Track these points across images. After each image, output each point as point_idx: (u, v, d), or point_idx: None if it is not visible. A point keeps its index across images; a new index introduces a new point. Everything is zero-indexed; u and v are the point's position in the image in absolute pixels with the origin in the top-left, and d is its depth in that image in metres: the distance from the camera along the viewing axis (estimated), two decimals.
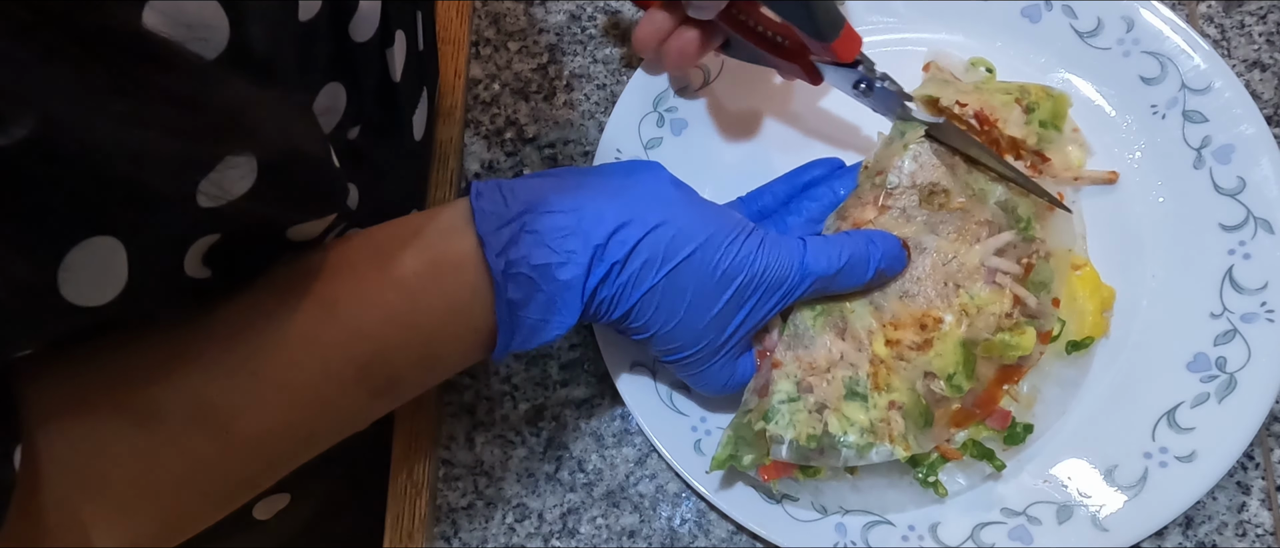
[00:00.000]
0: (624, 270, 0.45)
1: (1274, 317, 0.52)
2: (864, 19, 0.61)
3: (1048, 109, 0.56)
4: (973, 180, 0.54)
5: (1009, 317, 0.51)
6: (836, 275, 0.48)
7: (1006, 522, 0.51)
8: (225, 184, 0.34)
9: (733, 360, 0.50)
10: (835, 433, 0.48)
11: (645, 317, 0.46)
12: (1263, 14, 0.61)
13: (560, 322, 0.45)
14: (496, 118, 0.63)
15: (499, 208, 0.44)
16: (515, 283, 0.43)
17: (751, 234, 0.47)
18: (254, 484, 0.43)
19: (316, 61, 0.42)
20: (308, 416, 0.42)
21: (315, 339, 0.41)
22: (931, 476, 0.51)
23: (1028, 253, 0.52)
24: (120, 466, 0.37)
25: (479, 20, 0.65)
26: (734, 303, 0.47)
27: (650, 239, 0.45)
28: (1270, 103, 0.59)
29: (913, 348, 0.50)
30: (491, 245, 0.43)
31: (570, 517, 0.54)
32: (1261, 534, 0.51)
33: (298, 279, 0.42)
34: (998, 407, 0.52)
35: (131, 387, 0.38)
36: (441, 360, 0.46)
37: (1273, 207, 0.54)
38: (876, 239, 0.50)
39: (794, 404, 0.48)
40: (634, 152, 0.59)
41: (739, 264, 0.46)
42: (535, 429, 0.56)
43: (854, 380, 0.49)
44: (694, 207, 0.47)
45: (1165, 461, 0.51)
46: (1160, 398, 0.52)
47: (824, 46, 0.50)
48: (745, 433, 0.50)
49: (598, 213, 0.44)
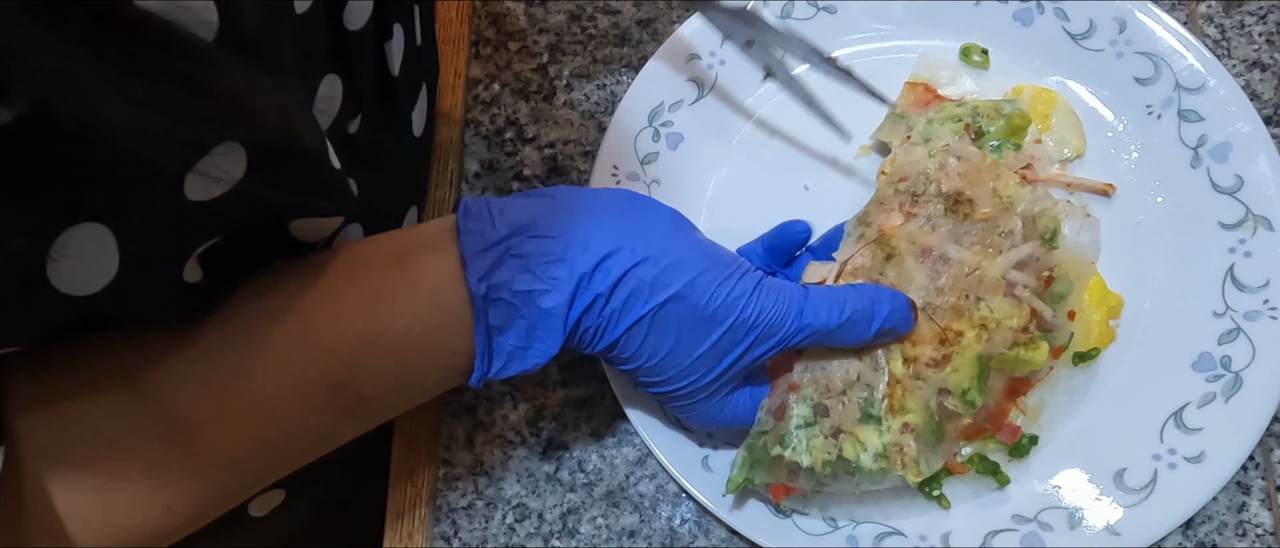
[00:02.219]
0: (609, 302, 0.42)
1: (1277, 314, 0.51)
2: (863, 26, 0.60)
3: (1003, 129, 0.54)
4: (1000, 187, 0.52)
5: (1025, 332, 0.49)
6: (837, 330, 0.45)
7: (1018, 529, 0.49)
8: (212, 174, 0.32)
9: (724, 398, 0.47)
10: (850, 458, 0.46)
11: (630, 349, 0.43)
12: (1263, 14, 0.59)
13: (541, 350, 0.42)
14: (496, 118, 0.61)
15: (486, 228, 0.42)
16: (496, 308, 0.41)
17: (746, 275, 0.44)
18: (222, 500, 0.41)
19: (315, 52, 0.40)
20: (277, 433, 0.40)
21: (288, 358, 0.39)
22: (936, 490, 0.49)
23: (1048, 266, 0.51)
24: (90, 469, 0.36)
25: (479, 20, 0.63)
26: (724, 344, 0.44)
27: (638, 271, 0.42)
28: (1270, 103, 0.58)
29: (930, 365, 0.47)
30: (474, 268, 0.41)
31: (570, 517, 0.52)
32: (1261, 534, 0.50)
33: (275, 294, 0.40)
34: (1007, 421, 0.50)
35: (104, 391, 0.37)
36: (417, 383, 0.44)
37: (1271, 203, 0.53)
38: (883, 297, 0.47)
39: (810, 428, 0.46)
40: (630, 167, 0.57)
41: (730, 305, 0.43)
42: (535, 429, 0.54)
43: (869, 402, 0.47)
44: (687, 241, 0.44)
45: (1174, 462, 0.49)
46: (1167, 399, 0.51)
47: None
48: (761, 456, 0.47)
49: (586, 240, 0.42)
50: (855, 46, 0.60)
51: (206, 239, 0.36)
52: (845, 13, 0.60)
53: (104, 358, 0.37)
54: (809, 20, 0.60)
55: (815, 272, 0.51)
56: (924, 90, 0.58)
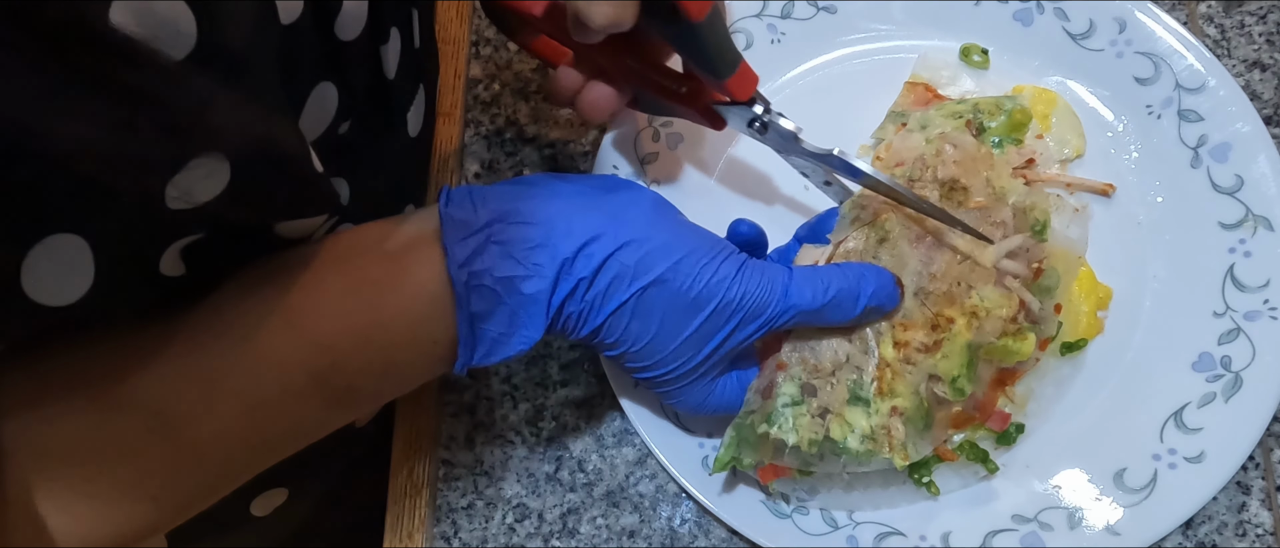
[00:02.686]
0: (592, 286, 0.42)
1: (1277, 314, 0.50)
2: (863, 26, 0.60)
3: (1004, 125, 0.54)
4: (994, 177, 0.52)
5: (1013, 322, 0.48)
6: (822, 310, 0.45)
7: (1018, 528, 0.49)
8: (192, 186, 0.32)
9: (711, 382, 0.46)
10: (836, 439, 0.46)
11: (615, 334, 0.43)
12: (1263, 14, 0.59)
13: (524, 337, 0.42)
14: (496, 118, 0.61)
15: (467, 215, 0.41)
16: (478, 295, 0.41)
17: (729, 257, 0.44)
18: (209, 492, 0.41)
19: (303, 63, 0.40)
20: (262, 424, 0.40)
21: (272, 348, 0.39)
22: (925, 476, 0.49)
23: (1038, 257, 0.50)
24: (75, 465, 0.36)
25: (479, 20, 0.63)
26: (709, 327, 0.44)
27: (620, 256, 0.42)
28: (1270, 103, 0.57)
29: (920, 350, 0.47)
30: (455, 256, 0.40)
31: (570, 517, 0.52)
32: (1261, 535, 0.49)
33: (259, 285, 0.40)
34: (996, 410, 0.50)
35: (89, 387, 0.37)
36: (401, 372, 0.43)
37: (1271, 203, 0.52)
38: (869, 274, 0.46)
39: (798, 407, 0.46)
40: (630, 167, 0.57)
41: (714, 288, 0.43)
42: (535, 429, 0.54)
43: (858, 384, 0.47)
44: (670, 226, 0.44)
45: (1174, 462, 0.49)
46: (1167, 399, 0.51)
47: (720, 84, 0.48)
48: (748, 435, 0.47)
49: (568, 226, 0.42)
50: (855, 47, 0.60)
51: (188, 236, 0.36)
52: (845, 13, 0.60)
53: (87, 356, 0.37)
54: (809, 20, 0.59)
55: (808, 254, 0.51)
56: (924, 90, 0.58)
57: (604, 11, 0.42)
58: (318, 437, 0.43)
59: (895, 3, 0.60)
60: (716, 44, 0.46)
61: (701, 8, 0.43)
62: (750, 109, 0.50)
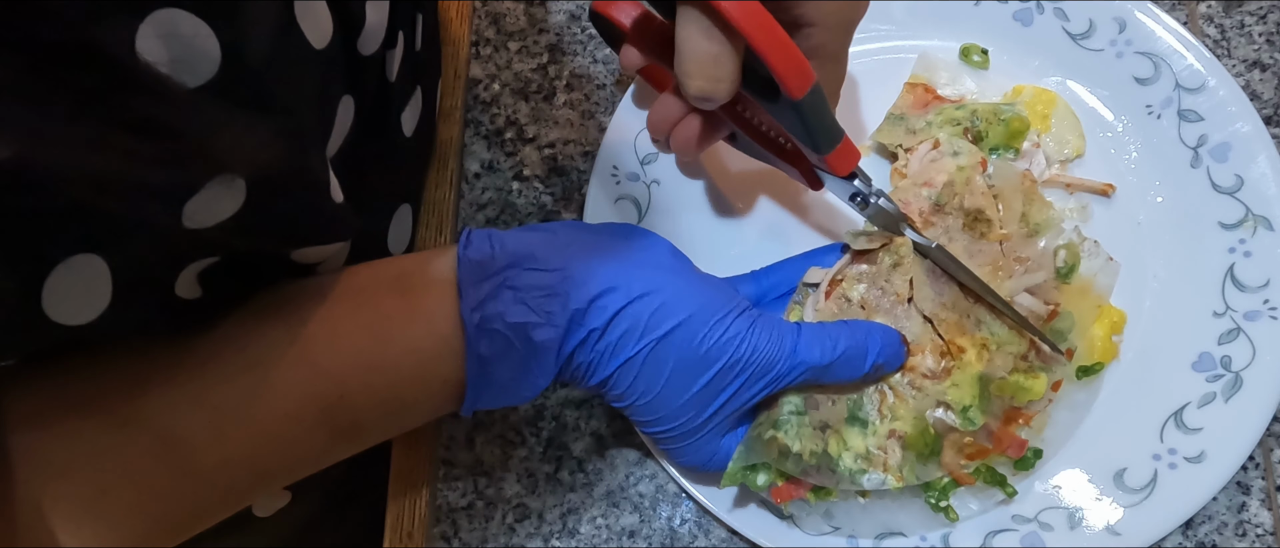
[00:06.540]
0: (603, 338, 0.41)
1: (1277, 314, 0.50)
2: (863, 26, 0.57)
3: (1001, 133, 0.53)
4: (1032, 212, 0.51)
5: (1024, 359, 0.48)
6: (830, 367, 0.44)
7: (1018, 529, 0.48)
8: (208, 207, 0.32)
9: (716, 439, 0.46)
10: (832, 455, 0.45)
11: (623, 386, 0.43)
12: (1263, 14, 0.58)
13: (533, 383, 0.42)
14: (496, 118, 0.60)
15: (485, 258, 0.41)
16: (489, 338, 0.40)
17: (742, 314, 0.43)
18: (208, 515, 0.41)
19: (334, 84, 0.40)
20: (267, 452, 0.40)
21: (282, 378, 0.39)
22: (943, 500, 0.48)
23: (1056, 300, 0.50)
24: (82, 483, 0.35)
25: (479, 20, 0.62)
26: (716, 384, 0.43)
27: (633, 308, 0.41)
28: (1270, 103, 0.56)
29: (928, 376, 0.46)
30: (469, 298, 0.40)
31: (570, 517, 0.51)
32: (1261, 534, 0.49)
33: (273, 314, 0.39)
34: (1012, 439, 0.48)
35: (100, 407, 0.36)
36: (408, 409, 0.43)
37: (1271, 203, 0.52)
38: (876, 333, 0.46)
39: (800, 418, 0.45)
40: (630, 167, 0.56)
41: (724, 344, 0.42)
42: (535, 429, 0.53)
43: (857, 405, 0.46)
44: (685, 279, 0.43)
45: (1174, 462, 0.48)
46: (1167, 399, 0.50)
47: (820, 159, 0.47)
48: (756, 445, 0.46)
49: (583, 275, 0.41)
50: (855, 46, 0.58)
51: (204, 259, 0.35)
52: None
53: (99, 375, 0.37)
54: None
55: (815, 275, 0.50)
56: (924, 91, 0.57)
57: (698, 86, 0.41)
58: (321, 467, 0.42)
59: (895, 3, 0.59)
60: (817, 120, 0.44)
61: (801, 85, 0.41)
62: (850, 184, 0.48)
